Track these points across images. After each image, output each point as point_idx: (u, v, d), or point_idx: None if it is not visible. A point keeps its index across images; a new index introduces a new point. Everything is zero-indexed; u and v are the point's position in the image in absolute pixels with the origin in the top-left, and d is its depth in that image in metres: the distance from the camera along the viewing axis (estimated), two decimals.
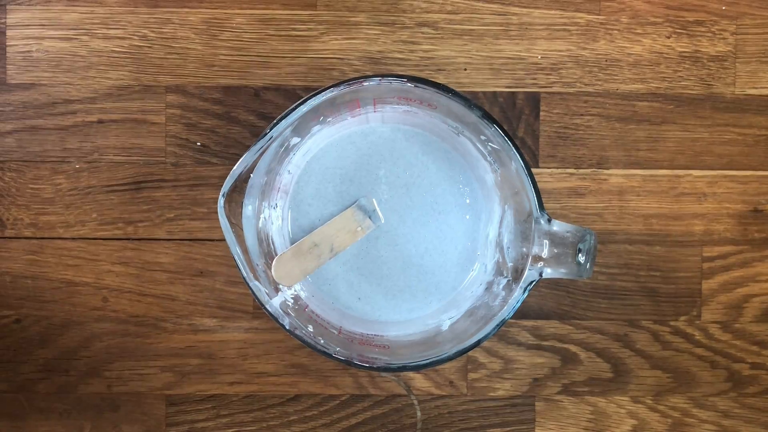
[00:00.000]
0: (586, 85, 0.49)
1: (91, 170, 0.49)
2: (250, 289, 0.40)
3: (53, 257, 0.49)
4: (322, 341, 0.41)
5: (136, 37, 0.49)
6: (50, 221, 0.49)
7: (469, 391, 0.50)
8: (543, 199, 0.40)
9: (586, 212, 0.50)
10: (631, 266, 0.50)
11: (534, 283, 0.40)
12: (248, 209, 0.42)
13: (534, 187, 0.40)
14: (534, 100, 0.49)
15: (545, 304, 0.50)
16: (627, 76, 0.49)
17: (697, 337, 0.50)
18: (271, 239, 0.46)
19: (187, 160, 0.49)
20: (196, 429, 0.50)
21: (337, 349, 0.41)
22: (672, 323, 0.50)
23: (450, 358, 0.40)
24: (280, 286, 0.44)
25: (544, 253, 0.40)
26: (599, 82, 0.49)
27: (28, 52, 0.49)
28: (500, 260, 0.45)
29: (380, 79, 0.40)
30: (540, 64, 0.49)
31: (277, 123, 0.39)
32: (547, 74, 0.49)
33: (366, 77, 0.40)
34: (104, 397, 0.49)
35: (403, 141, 0.47)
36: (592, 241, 0.39)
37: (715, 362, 0.50)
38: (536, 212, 0.39)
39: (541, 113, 0.49)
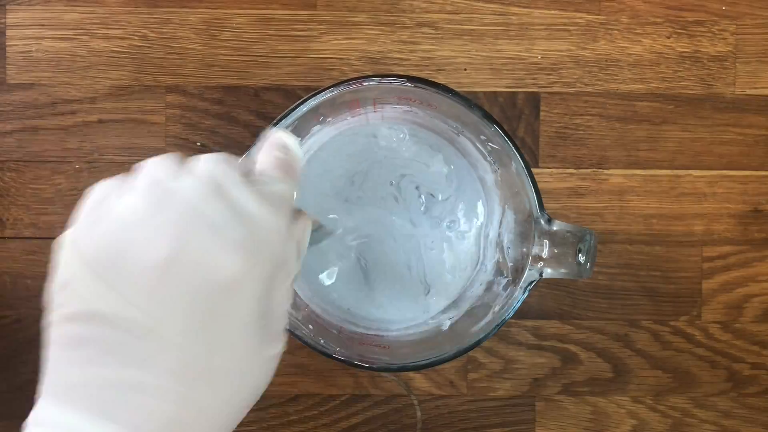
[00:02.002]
0: (586, 85, 0.49)
1: (91, 170, 0.49)
2: None
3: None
4: (322, 341, 0.41)
5: (135, 37, 0.49)
6: (50, 221, 0.49)
7: (469, 391, 0.50)
8: (543, 199, 0.40)
9: (586, 212, 0.50)
10: (631, 266, 0.50)
11: (534, 283, 0.40)
12: None
13: (534, 187, 0.39)
14: (534, 100, 0.49)
15: (545, 304, 0.50)
16: (627, 76, 0.49)
17: (698, 337, 0.50)
18: None
19: None
20: None
21: (337, 349, 0.41)
22: (672, 323, 0.50)
23: (450, 358, 0.40)
24: None
25: (544, 253, 0.40)
26: (599, 82, 0.49)
27: (28, 52, 0.49)
28: (500, 260, 0.45)
29: (380, 79, 0.40)
30: (540, 64, 0.49)
31: (276, 123, 0.39)
32: (547, 74, 0.49)
33: (366, 77, 0.40)
34: None
35: (403, 141, 0.47)
36: (592, 241, 0.39)
37: (715, 362, 0.50)
38: (536, 212, 0.39)
39: (541, 113, 0.49)
